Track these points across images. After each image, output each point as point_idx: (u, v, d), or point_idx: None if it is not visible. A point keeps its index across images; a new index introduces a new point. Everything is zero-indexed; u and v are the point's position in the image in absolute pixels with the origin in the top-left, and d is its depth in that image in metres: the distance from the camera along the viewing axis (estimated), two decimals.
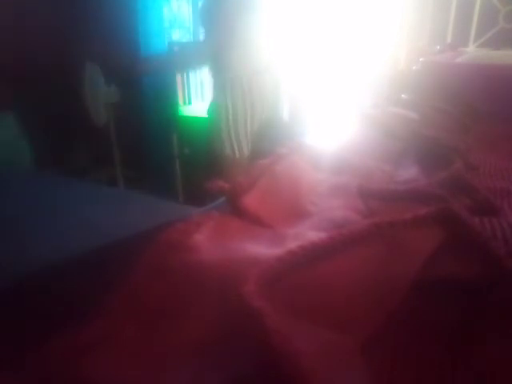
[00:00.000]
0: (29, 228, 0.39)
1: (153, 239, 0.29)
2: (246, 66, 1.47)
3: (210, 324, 0.23)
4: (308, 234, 0.31)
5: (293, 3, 1.80)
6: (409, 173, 0.52)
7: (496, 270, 0.26)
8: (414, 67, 1.33)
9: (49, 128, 1.85)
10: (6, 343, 0.24)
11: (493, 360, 0.24)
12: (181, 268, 0.27)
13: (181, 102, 2.07)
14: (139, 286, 0.27)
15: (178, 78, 2.02)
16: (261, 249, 0.28)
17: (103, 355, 0.23)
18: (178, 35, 2.19)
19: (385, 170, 0.53)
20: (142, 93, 2.01)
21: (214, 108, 1.51)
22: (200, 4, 1.80)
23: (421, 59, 1.27)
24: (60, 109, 1.83)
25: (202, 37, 1.81)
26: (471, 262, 0.27)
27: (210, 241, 0.30)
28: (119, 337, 0.24)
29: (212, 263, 0.27)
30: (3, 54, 1.70)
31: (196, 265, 0.27)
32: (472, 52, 1.49)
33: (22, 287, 0.29)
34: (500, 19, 1.80)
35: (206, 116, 1.57)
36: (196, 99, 2.16)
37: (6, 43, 1.75)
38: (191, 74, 2.05)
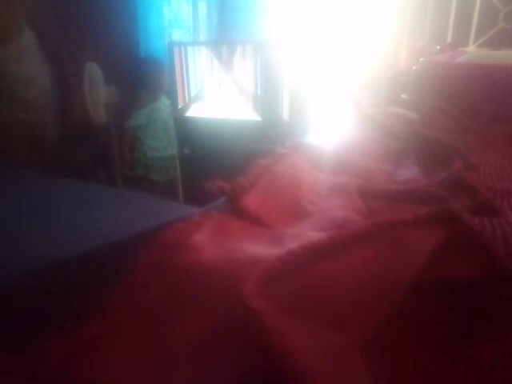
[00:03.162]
0: (29, 228, 0.39)
1: (153, 239, 0.29)
2: None
3: (210, 324, 0.23)
4: (308, 234, 0.31)
5: (295, 3, 1.80)
6: (409, 173, 0.52)
7: (496, 270, 0.26)
8: (414, 67, 1.33)
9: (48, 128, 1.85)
10: (6, 343, 0.24)
11: (492, 359, 0.24)
12: (181, 268, 0.27)
13: (181, 101, 2.07)
14: (139, 286, 0.27)
15: (178, 77, 2.02)
16: (261, 249, 0.28)
17: (103, 355, 0.23)
18: (177, 35, 2.19)
19: (385, 170, 0.53)
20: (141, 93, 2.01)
21: None
22: None
23: (421, 59, 1.27)
24: (60, 109, 1.83)
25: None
26: (471, 261, 0.27)
27: (210, 241, 0.30)
28: (119, 337, 0.24)
29: (212, 263, 0.27)
30: None
31: (196, 265, 0.27)
32: (472, 52, 1.49)
33: (21, 287, 0.29)
34: (500, 19, 1.80)
35: None
36: (196, 99, 2.16)
37: None
38: (191, 75, 2.05)
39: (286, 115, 1.82)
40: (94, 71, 1.82)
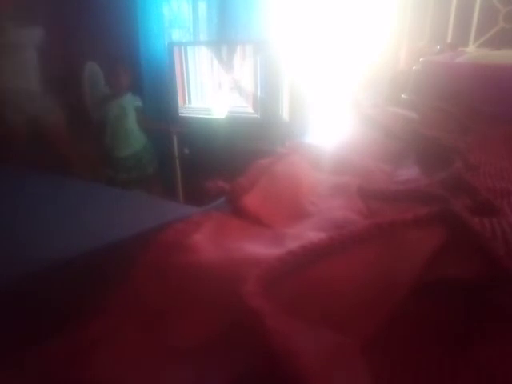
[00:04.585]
0: (28, 228, 0.39)
1: (153, 239, 0.29)
2: None
3: (209, 324, 0.23)
4: (308, 234, 0.31)
5: (295, 3, 1.80)
6: (409, 173, 0.52)
7: (496, 270, 0.26)
8: (414, 67, 1.33)
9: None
10: (6, 343, 0.24)
11: (493, 360, 0.24)
12: (180, 268, 0.27)
13: (181, 101, 2.07)
14: (139, 287, 0.27)
15: (178, 77, 2.02)
16: (261, 249, 0.28)
17: (103, 355, 0.23)
18: (177, 35, 2.19)
19: (385, 170, 0.53)
20: (141, 93, 2.01)
21: None
22: None
23: (421, 59, 1.27)
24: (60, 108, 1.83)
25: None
26: (471, 261, 0.27)
27: (210, 241, 0.30)
28: (119, 337, 0.24)
29: (212, 263, 0.27)
30: None
31: (195, 265, 0.27)
32: (472, 52, 1.49)
33: (21, 287, 0.29)
34: (500, 19, 1.81)
35: None
36: (196, 99, 2.16)
37: None
38: (191, 75, 2.06)
39: (285, 115, 1.82)
40: (94, 71, 1.82)
